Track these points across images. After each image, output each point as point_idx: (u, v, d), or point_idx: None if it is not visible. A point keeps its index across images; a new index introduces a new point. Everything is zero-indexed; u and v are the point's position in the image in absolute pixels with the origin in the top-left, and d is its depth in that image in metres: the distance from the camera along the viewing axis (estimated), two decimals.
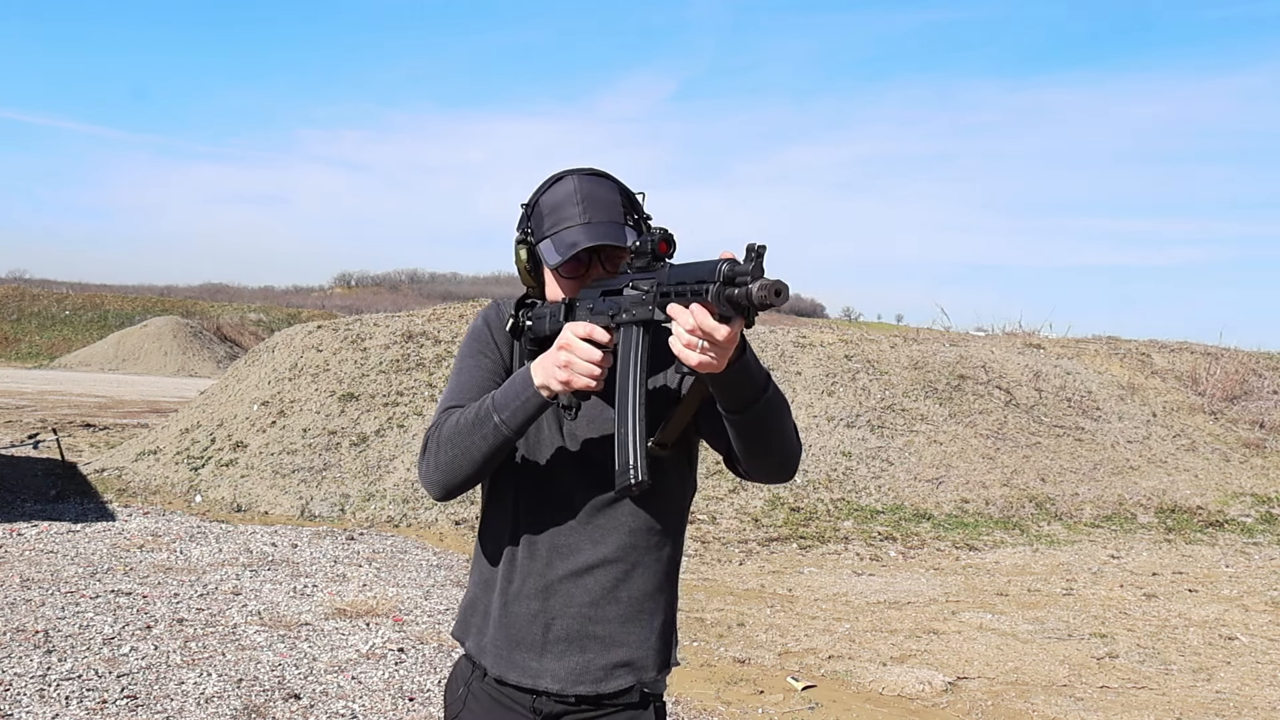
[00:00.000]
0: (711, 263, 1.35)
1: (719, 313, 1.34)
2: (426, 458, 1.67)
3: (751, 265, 1.31)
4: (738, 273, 1.32)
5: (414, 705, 4.56)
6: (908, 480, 10.61)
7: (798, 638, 6.07)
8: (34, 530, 7.87)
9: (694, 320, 1.34)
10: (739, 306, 1.33)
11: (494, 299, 1.86)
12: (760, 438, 1.55)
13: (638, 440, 1.50)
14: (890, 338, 14.38)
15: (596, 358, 1.49)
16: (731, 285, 1.32)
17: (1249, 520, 10.80)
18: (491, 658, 1.74)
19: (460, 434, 1.62)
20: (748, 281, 1.30)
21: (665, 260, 1.49)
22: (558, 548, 1.70)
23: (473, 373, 1.74)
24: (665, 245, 1.49)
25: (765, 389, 1.50)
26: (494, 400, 1.60)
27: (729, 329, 1.34)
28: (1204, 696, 5.31)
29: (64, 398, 21.91)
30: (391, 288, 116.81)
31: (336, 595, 6.41)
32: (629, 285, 1.52)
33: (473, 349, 1.78)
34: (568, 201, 1.66)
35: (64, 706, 4.26)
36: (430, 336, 12.14)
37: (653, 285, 1.47)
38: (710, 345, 1.35)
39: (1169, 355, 15.62)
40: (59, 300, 52.79)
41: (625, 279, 1.53)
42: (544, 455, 1.72)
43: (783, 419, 1.56)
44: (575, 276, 1.67)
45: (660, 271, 1.47)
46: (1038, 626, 6.57)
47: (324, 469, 9.91)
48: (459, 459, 1.62)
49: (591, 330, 1.50)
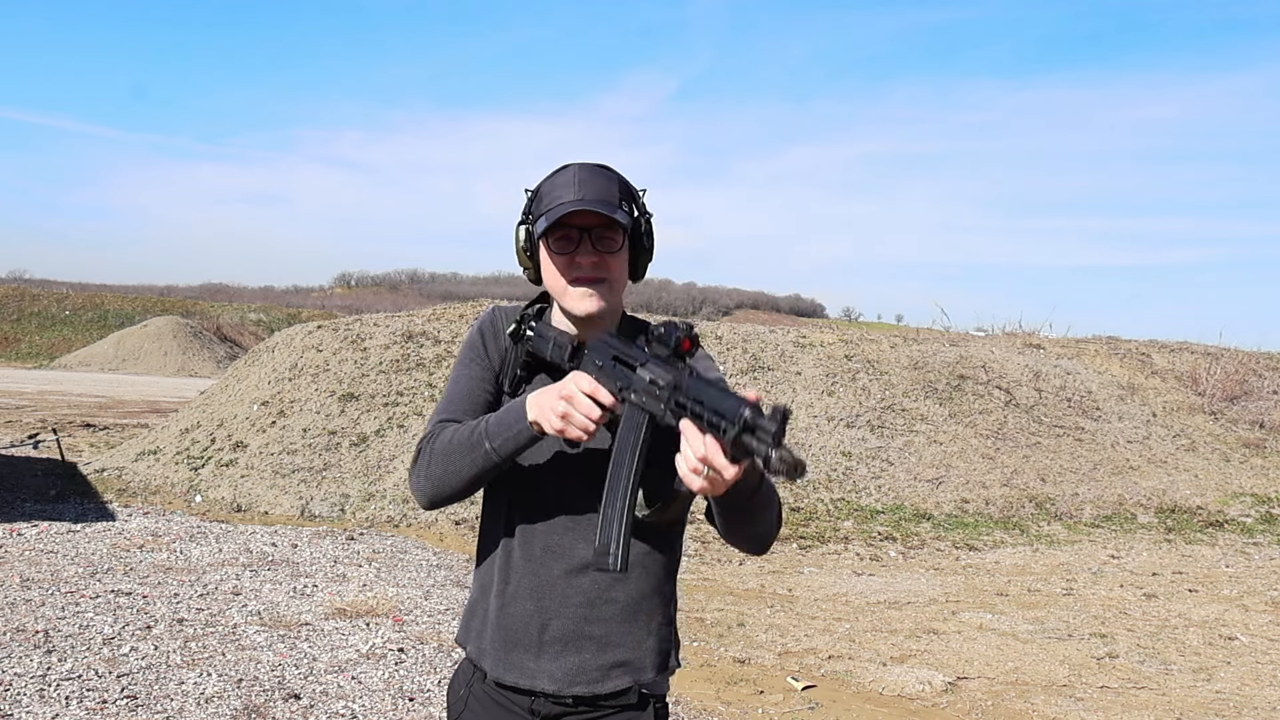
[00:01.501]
0: (735, 400, 1.33)
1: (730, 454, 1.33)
2: (418, 469, 1.70)
3: (775, 427, 1.27)
4: (759, 426, 1.29)
5: (414, 705, 4.56)
6: (908, 480, 10.61)
7: (798, 638, 6.07)
8: (34, 530, 7.87)
9: (706, 452, 1.35)
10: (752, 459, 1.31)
11: (493, 305, 1.88)
12: (742, 522, 1.60)
13: (621, 526, 1.50)
14: (890, 338, 14.38)
15: (595, 416, 1.52)
16: (751, 434, 1.30)
17: (1249, 520, 10.80)
18: (490, 660, 1.75)
19: (452, 453, 1.66)
20: (769, 442, 1.27)
21: (685, 360, 1.48)
22: (552, 548, 1.71)
23: (464, 383, 1.78)
24: (689, 343, 1.49)
25: (757, 490, 1.54)
26: (487, 427, 1.63)
27: (736, 470, 1.35)
28: (1204, 696, 5.31)
29: (64, 398, 21.92)
30: (391, 288, 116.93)
31: (336, 595, 6.41)
32: (641, 365, 1.50)
33: (466, 357, 1.81)
34: (565, 183, 1.70)
35: (64, 706, 4.26)
36: (430, 336, 12.14)
37: (669, 385, 1.44)
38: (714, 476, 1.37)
39: (1169, 355, 15.63)
40: (59, 300, 52.80)
41: (642, 355, 1.52)
42: (540, 457, 1.72)
43: (768, 509, 1.60)
44: (565, 253, 1.69)
45: (679, 372, 1.44)
46: (1038, 626, 6.57)
47: (324, 469, 9.91)
48: (448, 477, 1.67)
49: (598, 390, 1.52)
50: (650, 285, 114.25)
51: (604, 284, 1.69)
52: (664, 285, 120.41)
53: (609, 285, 1.70)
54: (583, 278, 1.68)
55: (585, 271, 1.68)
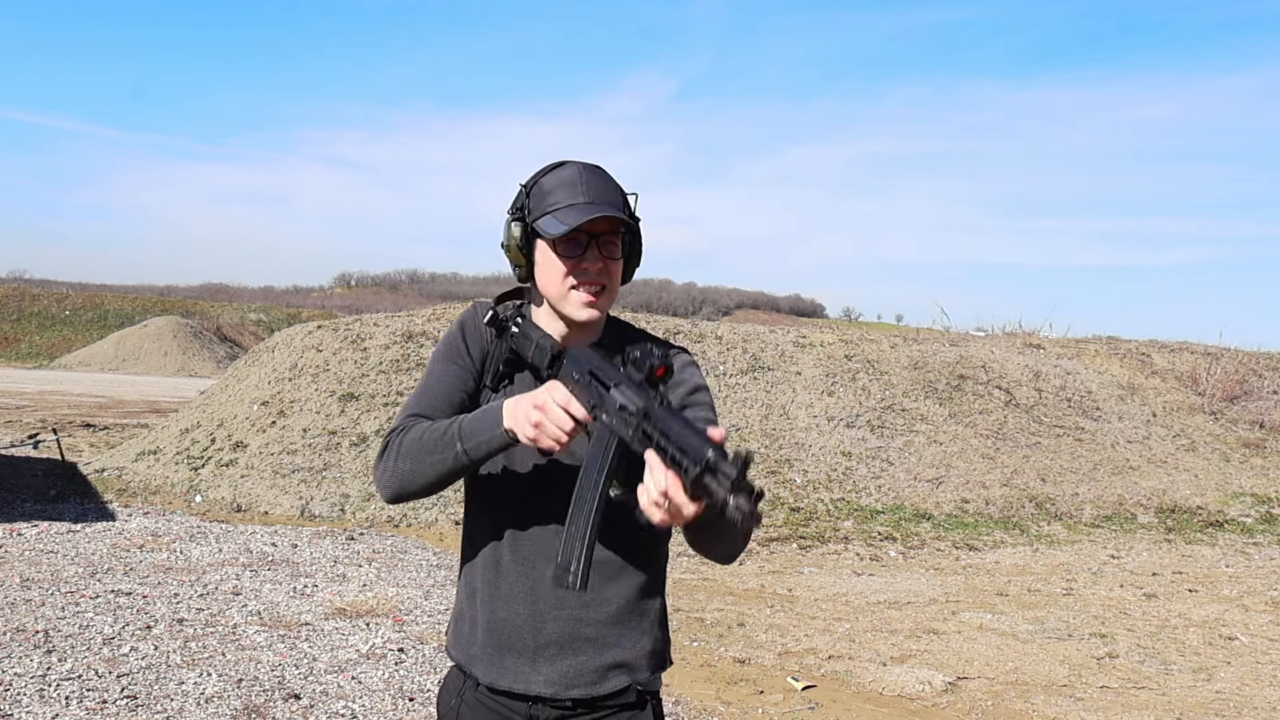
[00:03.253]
0: (699, 439, 1.34)
1: (690, 493, 1.34)
2: (384, 462, 1.67)
3: (735, 473, 1.28)
4: (720, 470, 1.30)
5: (414, 705, 4.56)
6: (908, 480, 10.61)
7: (798, 638, 6.07)
8: (34, 530, 7.87)
9: (666, 486, 1.35)
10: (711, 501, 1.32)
11: (474, 302, 1.86)
12: (709, 542, 1.58)
13: (584, 545, 1.50)
14: (890, 338, 14.38)
15: (568, 428, 1.51)
16: (713, 476, 1.31)
17: (1249, 520, 10.80)
18: (483, 666, 1.73)
19: (422, 450, 1.63)
20: (727, 488, 1.28)
21: (659, 387, 1.48)
22: (543, 551, 1.69)
23: (441, 379, 1.75)
24: (663, 371, 1.48)
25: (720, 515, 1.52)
26: (461, 428, 1.60)
27: (696, 507, 1.34)
28: (1204, 696, 5.31)
29: (64, 398, 21.92)
30: (391, 288, 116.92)
31: (336, 595, 6.41)
32: (615, 385, 1.50)
33: (444, 354, 1.78)
34: (570, 183, 1.67)
35: (64, 706, 4.26)
36: (430, 336, 12.14)
37: (639, 411, 1.44)
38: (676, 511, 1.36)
39: (1169, 355, 15.63)
40: (59, 300, 52.81)
41: (616, 374, 1.51)
42: (526, 459, 1.71)
43: (736, 532, 1.56)
44: (572, 257, 1.66)
45: (650, 400, 1.45)
46: (1038, 626, 6.57)
47: (324, 469, 9.91)
48: (415, 474, 1.64)
49: (570, 403, 1.51)
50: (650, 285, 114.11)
51: (605, 290, 1.69)
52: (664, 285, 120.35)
53: (609, 291, 1.70)
54: (587, 283, 1.67)
55: (591, 277, 1.67)
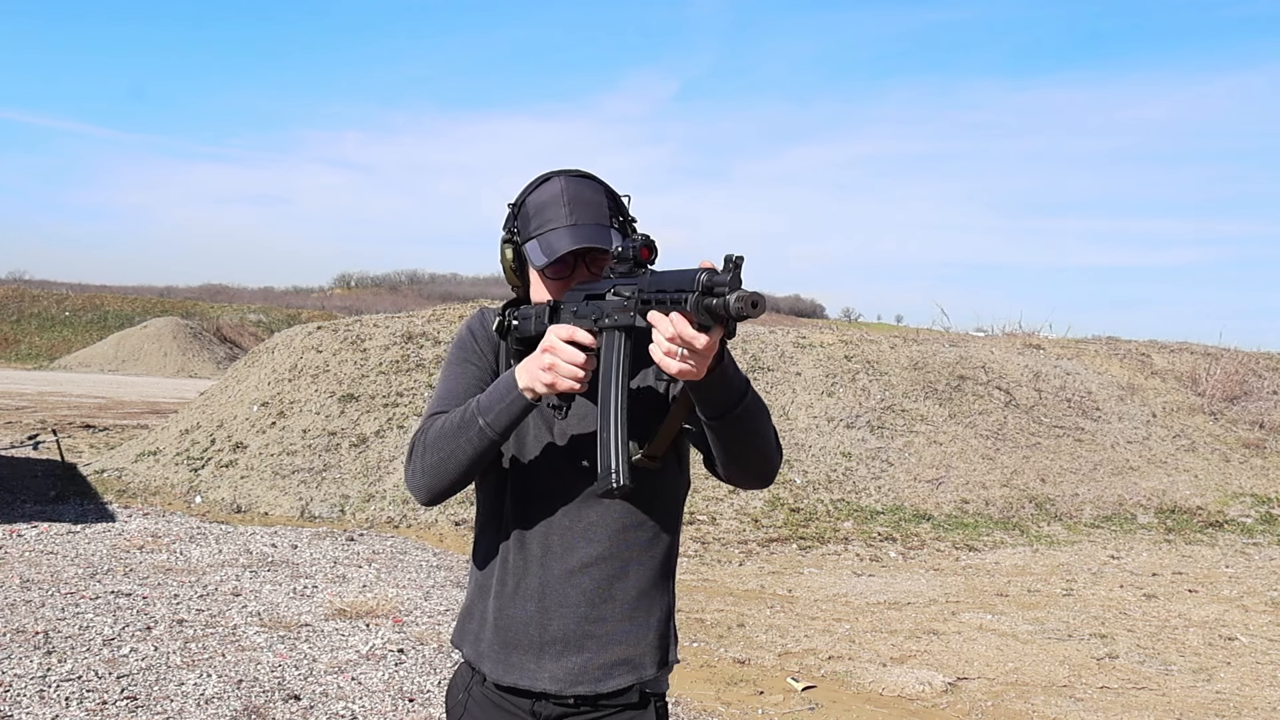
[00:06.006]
0: (691, 272, 1.38)
1: (698, 322, 1.37)
2: (413, 462, 1.68)
3: (729, 276, 1.34)
4: (716, 283, 1.34)
5: (414, 706, 4.56)
6: (908, 481, 10.61)
7: (798, 638, 6.07)
8: (34, 531, 7.86)
9: (674, 329, 1.37)
10: (717, 316, 1.36)
11: (480, 307, 1.88)
12: (738, 443, 1.58)
13: (620, 444, 1.52)
14: (890, 338, 14.38)
15: (580, 360, 1.51)
16: (710, 295, 1.35)
17: (1249, 520, 10.80)
18: (490, 662, 1.74)
19: (446, 438, 1.63)
20: (725, 292, 1.33)
21: (647, 266, 1.52)
22: (551, 547, 1.70)
23: (459, 379, 1.75)
24: (647, 251, 1.52)
25: (744, 395, 1.53)
26: (479, 404, 1.61)
27: (708, 338, 1.37)
28: (1204, 697, 5.31)
29: (64, 399, 21.91)
30: (391, 288, 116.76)
31: (336, 596, 6.41)
32: (611, 290, 1.54)
33: (459, 357, 1.79)
34: (554, 202, 1.68)
35: (64, 707, 4.26)
36: (430, 337, 12.14)
37: (634, 291, 1.49)
38: (690, 353, 1.38)
39: (1169, 355, 15.63)
40: (59, 301, 52.79)
41: (608, 284, 1.55)
42: (534, 455, 1.72)
43: (762, 425, 1.58)
44: (561, 278, 1.69)
45: (642, 278, 1.49)
46: (1038, 627, 6.57)
47: (324, 470, 9.91)
48: (445, 463, 1.63)
49: (574, 333, 1.52)
50: None
51: None
52: None
53: None
54: None
55: None
